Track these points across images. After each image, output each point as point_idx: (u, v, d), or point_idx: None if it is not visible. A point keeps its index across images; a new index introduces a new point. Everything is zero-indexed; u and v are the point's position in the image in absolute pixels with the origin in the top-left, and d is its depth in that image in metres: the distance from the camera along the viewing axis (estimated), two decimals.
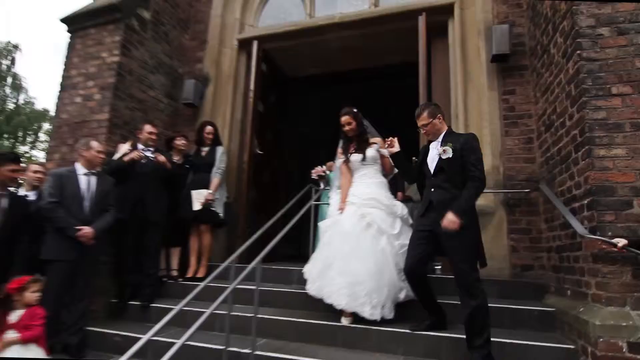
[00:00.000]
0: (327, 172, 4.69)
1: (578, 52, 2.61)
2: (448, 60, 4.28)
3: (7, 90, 19.62)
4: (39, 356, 2.64)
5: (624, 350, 2.15)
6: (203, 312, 2.88)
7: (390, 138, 2.92)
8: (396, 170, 3.35)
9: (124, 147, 3.78)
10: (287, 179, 7.07)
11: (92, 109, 4.03)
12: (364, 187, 3.16)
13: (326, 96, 7.34)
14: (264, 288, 3.51)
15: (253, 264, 2.68)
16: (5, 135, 19.01)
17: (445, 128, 2.72)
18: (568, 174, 2.79)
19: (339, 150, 3.42)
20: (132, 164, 3.72)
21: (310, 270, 3.15)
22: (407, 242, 2.86)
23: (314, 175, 3.93)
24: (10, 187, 3.22)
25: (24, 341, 2.59)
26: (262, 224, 3.51)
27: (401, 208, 3.16)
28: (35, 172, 3.59)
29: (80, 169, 3.37)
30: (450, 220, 2.39)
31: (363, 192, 3.12)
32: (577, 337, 2.45)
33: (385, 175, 3.34)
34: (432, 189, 2.64)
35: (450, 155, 2.54)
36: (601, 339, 2.17)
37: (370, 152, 3.23)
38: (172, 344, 2.32)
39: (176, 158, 4.19)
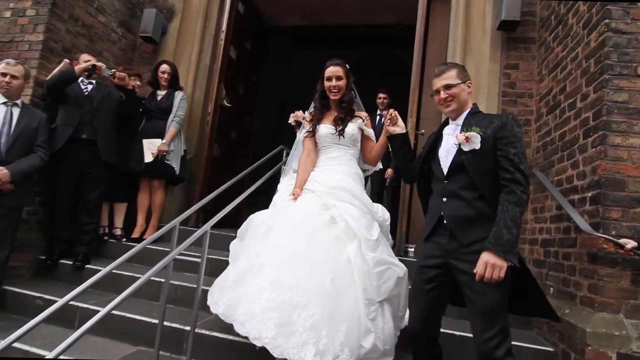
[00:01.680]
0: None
1: (606, 21, 2.25)
2: (447, 25, 3.83)
3: None
4: None
5: None
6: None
7: (392, 111, 1.97)
8: (379, 166, 2.56)
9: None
10: (259, 140, 6.54)
11: (24, 27, 3.29)
12: (331, 174, 2.24)
13: (313, 56, 6.75)
14: (216, 257, 3.11)
15: (203, 228, 2.24)
16: None
17: (471, 104, 1.83)
18: (570, 162, 2.50)
19: (307, 116, 2.49)
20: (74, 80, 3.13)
21: (223, 277, 2.10)
22: (387, 257, 2.00)
23: (291, 120, 3.35)
24: None
25: None
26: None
27: (382, 211, 2.24)
28: None
29: (0, 98, 2.74)
30: (491, 264, 1.51)
31: (330, 178, 2.19)
32: (557, 340, 2.25)
33: (364, 168, 2.46)
34: (444, 199, 1.72)
35: (478, 147, 1.64)
36: (589, 348, 1.95)
37: (352, 127, 2.30)
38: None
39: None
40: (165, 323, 2.33)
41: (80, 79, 3.22)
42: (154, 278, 2.47)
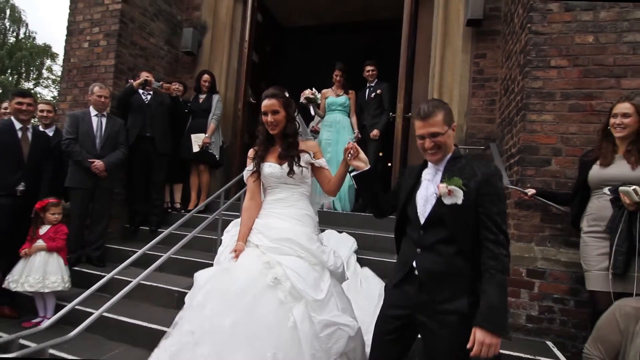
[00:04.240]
0: (317, 94, 4.39)
1: (529, 25, 2.94)
2: (432, 20, 4.52)
3: (7, 23, 19.31)
4: (59, 263, 3.22)
5: (523, 275, 2.76)
6: (200, 236, 3.58)
7: (351, 143, 1.87)
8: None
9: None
10: None
11: (99, 54, 4.40)
12: (277, 219, 2.06)
13: (324, 45, 7.49)
14: None
15: (239, 193, 3.25)
16: (9, 71, 19.08)
17: (453, 147, 1.69)
18: (510, 135, 3.24)
19: (250, 153, 2.25)
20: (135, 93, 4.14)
21: (157, 356, 1.86)
22: (336, 319, 1.83)
23: (302, 99, 3.92)
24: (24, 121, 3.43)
25: (49, 250, 3.17)
26: None
27: (333, 258, 2.03)
28: (42, 110, 3.99)
29: (92, 111, 3.86)
30: (487, 344, 1.41)
31: (275, 228, 2.01)
32: None
33: (318, 202, 2.32)
34: (419, 250, 1.63)
35: (460, 202, 1.54)
36: None
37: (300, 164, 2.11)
38: (175, 257, 3.02)
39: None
40: None
41: (141, 91, 4.28)
42: (207, 235, 3.61)
